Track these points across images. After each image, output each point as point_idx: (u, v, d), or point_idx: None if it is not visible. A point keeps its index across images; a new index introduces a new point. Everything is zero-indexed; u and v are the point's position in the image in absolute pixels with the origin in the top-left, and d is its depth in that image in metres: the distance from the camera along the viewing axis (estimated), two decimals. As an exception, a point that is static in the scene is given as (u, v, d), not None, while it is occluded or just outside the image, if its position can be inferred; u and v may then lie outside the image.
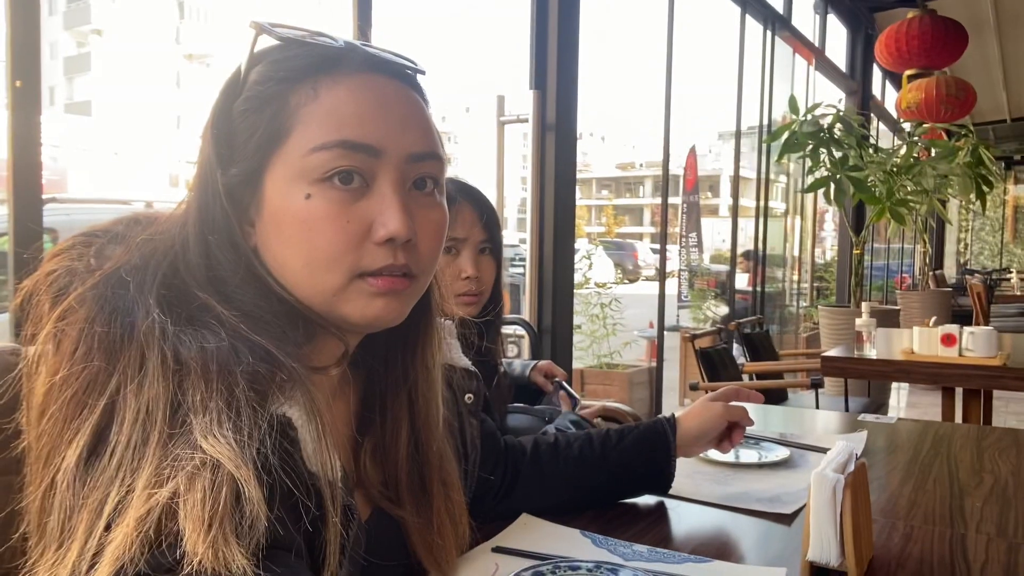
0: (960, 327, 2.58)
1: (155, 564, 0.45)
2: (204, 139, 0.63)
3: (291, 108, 0.61)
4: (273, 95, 0.61)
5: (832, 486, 0.83)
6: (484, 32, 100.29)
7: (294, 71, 0.62)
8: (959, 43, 5.11)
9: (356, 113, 0.61)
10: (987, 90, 8.54)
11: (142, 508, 0.47)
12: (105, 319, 0.55)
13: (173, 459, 0.49)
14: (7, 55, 1.42)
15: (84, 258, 0.60)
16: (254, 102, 0.62)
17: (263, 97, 0.62)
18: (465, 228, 1.35)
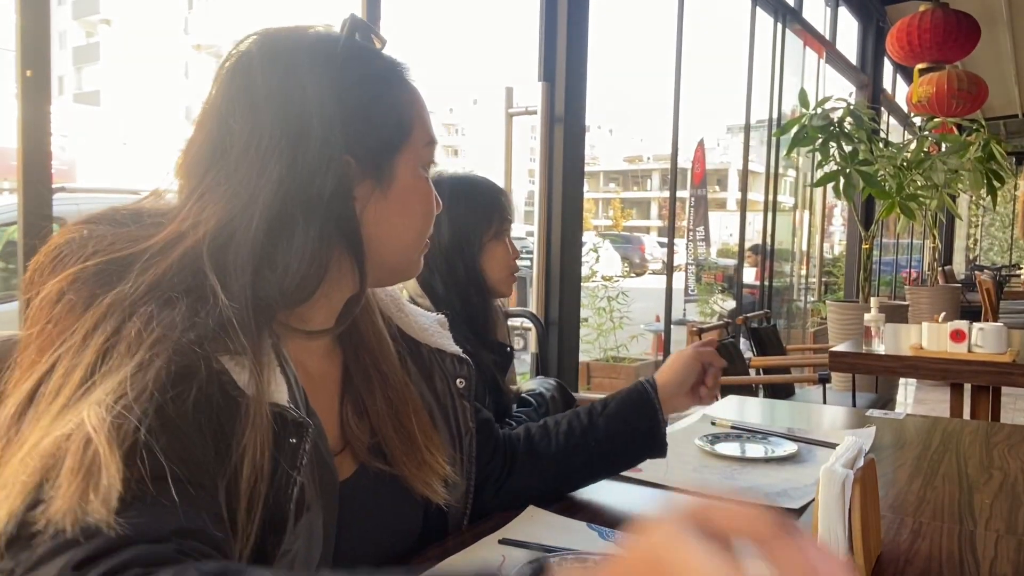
0: (969, 323, 2.56)
1: (24, 520, 0.49)
2: (312, 115, 0.67)
3: (405, 107, 0.74)
4: (389, 93, 0.73)
5: (841, 482, 0.83)
6: (493, 24, 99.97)
7: (395, 74, 0.75)
8: (971, 37, 5.07)
9: (429, 117, 0.77)
10: (999, 85, 8.47)
11: (28, 464, 0.51)
12: (86, 288, 0.60)
13: (63, 422, 0.53)
14: (17, 45, 1.42)
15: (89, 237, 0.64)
16: (374, 95, 0.72)
17: (380, 92, 0.73)
18: (512, 212, 1.46)
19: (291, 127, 0.66)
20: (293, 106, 0.67)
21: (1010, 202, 15.99)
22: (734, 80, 5.27)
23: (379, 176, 0.73)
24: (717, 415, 1.57)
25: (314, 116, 0.67)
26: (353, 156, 0.70)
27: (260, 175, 0.65)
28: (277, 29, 0.71)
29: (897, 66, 7.68)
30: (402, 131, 0.74)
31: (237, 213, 0.64)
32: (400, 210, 0.75)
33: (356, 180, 0.71)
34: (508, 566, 0.84)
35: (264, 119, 0.66)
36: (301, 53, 0.69)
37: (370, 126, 0.71)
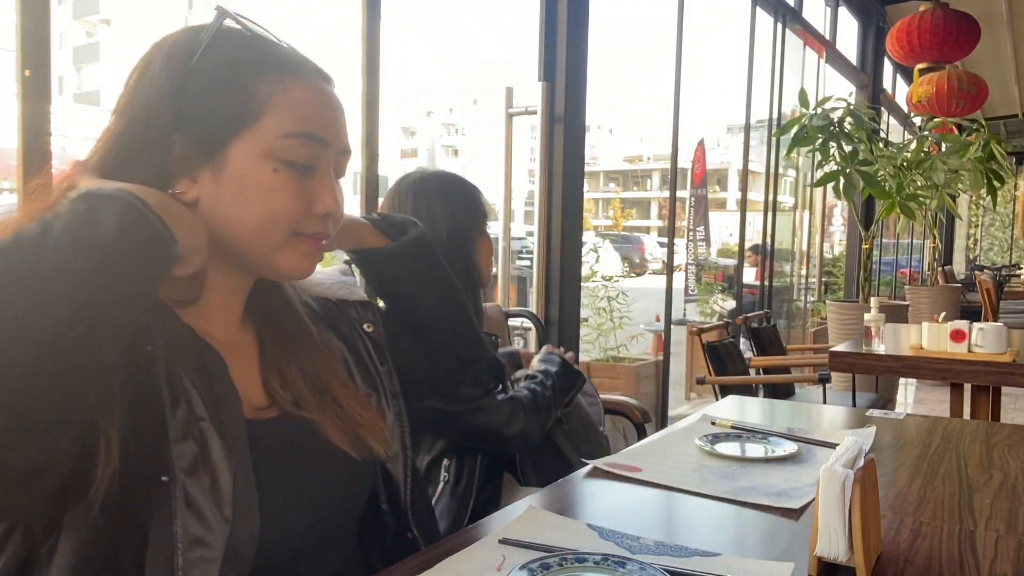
0: (969, 323, 2.56)
1: None
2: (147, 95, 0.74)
3: (262, 95, 0.75)
4: (241, 79, 0.75)
5: (841, 481, 0.83)
6: (493, 24, 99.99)
7: (262, 63, 0.76)
8: (971, 37, 5.07)
9: (318, 112, 0.78)
10: (999, 85, 8.47)
11: None
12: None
13: None
14: (17, 44, 1.42)
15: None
16: (221, 80, 0.74)
17: (231, 77, 0.74)
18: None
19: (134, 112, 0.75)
20: (139, 91, 0.75)
21: (1010, 202, 15.99)
22: (734, 80, 5.27)
23: (211, 158, 0.75)
24: (717, 415, 1.57)
25: (149, 99, 0.74)
26: (183, 136, 0.74)
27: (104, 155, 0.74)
28: (175, 30, 0.79)
29: (897, 66, 7.68)
30: (244, 117, 0.74)
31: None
32: (233, 196, 0.75)
33: (190, 159, 0.75)
34: (508, 566, 0.84)
35: (122, 108, 0.76)
36: (164, 46, 0.76)
37: (206, 109, 0.74)
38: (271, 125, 0.75)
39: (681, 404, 5.40)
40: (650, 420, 1.95)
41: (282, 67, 0.76)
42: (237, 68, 0.75)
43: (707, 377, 3.10)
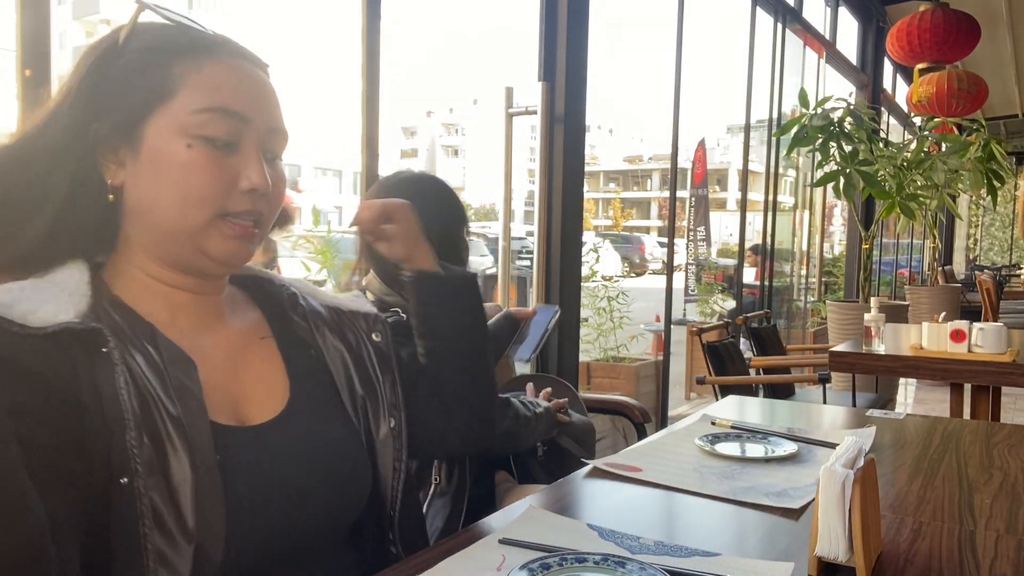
0: (969, 323, 2.56)
1: None
2: (71, 90, 0.75)
3: (175, 74, 0.75)
4: (157, 62, 0.75)
5: (841, 481, 0.83)
6: (493, 24, 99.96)
7: (179, 46, 0.76)
8: (972, 37, 5.07)
9: (233, 87, 0.77)
10: (999, 85, 8.47)
11: None
12: None
13: None
14: (17, 44, 1.42)
15: None
16: (137, 64, 0.75)
17: (147, 62, 0.75)
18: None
19: (60, 102, 0.76)
20: (66, 86, 0.76)
21: (1010, 202, 15.99)
22: (734, 80, 5.27)
23: (129, 139, 0.76)
24: (717, 415, 1.57)
25: (72, 89, 0.75)
26: (106, 122, 0.75)
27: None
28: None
29: (897, 66, 7.68)
30: (157, 95, 0.75)
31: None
32: (151, 175, 0.76)
33: (112, 142, 0.76)
34: (508, 566, 0.84)
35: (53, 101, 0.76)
36: (95, 42, 0.77)
37: (122, 93, 0.75)
38: (183, 101, 0.75)
39: (681, 404, 5.40)
40: (650, 420, 1.95)
41: (199, 48, 0.77)
42: (153, 53, 0.76)
43: (707, 377, 3.10)
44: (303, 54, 8.78)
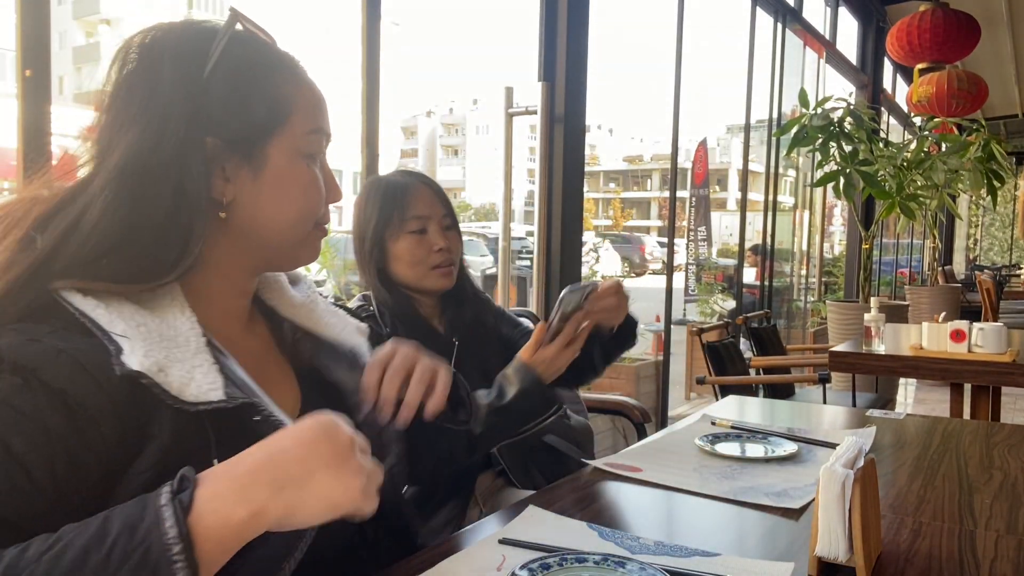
0: (969, 323, 2.56)
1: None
2: (167, 101, 0.72)
3: (284, 94, 0.77)
4: (264, 78, 0.77)
5: (841, 481, 0.83)
6: (493, 24, 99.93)
7: (274, 63, 0.78)
8: (971, 37, 5.07)
9: (320, 106, 0.81)
10: (999, 85, 8.47)
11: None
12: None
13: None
14: (17, 44, 1.42)
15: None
16: (244, 80, 0.75)
17: (254, 78, 0.76)
18: (427, 206, 1.44)
19: (146, 111, 0.72)
20: (151, 91, 0.72)
21: (1010, 202, 15.99)
22: (734, 80, 5.27)
23: (249, 157, 0.76)
24: (717, 415, 1.57)
25: (167, 99, 0.72)
26: (219, 138, 0.74)
27: (108, 154, 0.71)
28: (163, 24, 0.76)
29: (897, 66, 7.68)
30: (276, 117, 0.77)
31: (81, 184, 0.72)
32: (273, 192, 0.78)
33: (224, 160, 0.75)
34: (508, 566, 0.84)
35: (130, 106, 0.72)
36: (169, 46, 0.74)
37: (238, 111, 0.75)
38: (298, 121, 0.78)
39: (681, 404, 5.40)
40: (650, 420, 1.95)
41: (290, 67, 0.80)
42: (256, 70, 0.77)
43: (707, 377, 3.10)
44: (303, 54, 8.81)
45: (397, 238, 1.42)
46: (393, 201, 1.42)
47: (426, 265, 1.42)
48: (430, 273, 1.43)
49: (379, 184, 1.46)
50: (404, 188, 1.43)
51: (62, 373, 0.62)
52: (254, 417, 0.70)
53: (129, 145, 0.71)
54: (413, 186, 1.44)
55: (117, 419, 0.63)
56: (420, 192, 1.43)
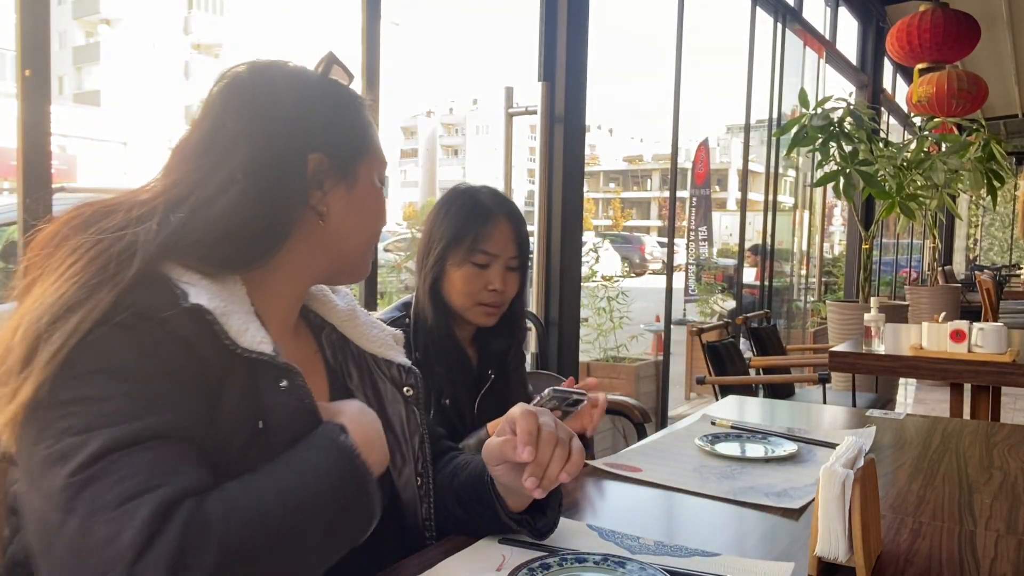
0: (969, 323, 2.56)
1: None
2: (284, 120, 0.81)
3: (366, 123, 0.89)
4: (355, 109, 0.88)
5: (841, 481, 0.83)
6: (493, 23, 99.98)
7: (362, 102, 0.90)
8: (972, 37, 5.07)
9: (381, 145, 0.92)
10: (999, 85, 8.47)
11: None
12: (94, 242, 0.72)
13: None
14: (16, 44, 1.42)
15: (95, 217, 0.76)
16: (343, 108, 0.87)
17: (349, 107, 0.87)
18: (500, 244, 1.39)
19: (263, 126, 0.80)
20: (271, 110, 0.81)
21: (1010, 202, 15.99)
22: (734, 80, 5.27)
23: (346, 175, 0.86)
24: (717, 415, 1.58)
25: (285, 118, 0.81)
26: (324, 154, 0.84)
27: (228, 163, 0.78)
28: (265, 60, 0.86)
29: (897, 66, 7.68)
30: (365, 144, 0.88)
31: (201, 183, 0.77)
32: (359, 209, 0.88)
33: (326, 175, 0.84)
34: (508, 566, 0.84)
35: (244, 120, 0.80)
36: (281, 73, 0.84)
37: (339, 132, 0.86)
38: (375, 150, 0.90)
39: (681, 404, 5.40)
40: (650, 420, 1.95)
41: (361, 102, 0.91)
42: (350, 103, 0.88)
43: (707, 377, 3.10)
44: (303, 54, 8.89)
45: (460, 265, 1.38)
46: (469, 226, 1.37)
47: (475, 299, 1.39)
48: (476, 308, 1.39)
49: (465, 200, 1.41)
50: (486, 218, 1.38)
51: (188, 327, 0.71)
52: (281, 382, 0.76)
53: (252, 151, 0.79)
54: (495, 218, 1.39)
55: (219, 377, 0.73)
56: (499, 228, 1.39)
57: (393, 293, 4.23)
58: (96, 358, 0.66)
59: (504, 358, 1.48)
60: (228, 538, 0.61)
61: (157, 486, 0.61)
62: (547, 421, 0.84)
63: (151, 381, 0.67)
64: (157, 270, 0.73)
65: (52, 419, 0.64)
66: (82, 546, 0.59)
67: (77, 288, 0.68)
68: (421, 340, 1.38)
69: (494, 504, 0.90)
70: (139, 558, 0.58)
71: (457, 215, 1.39)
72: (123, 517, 0.59)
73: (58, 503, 0.60)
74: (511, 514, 0.91)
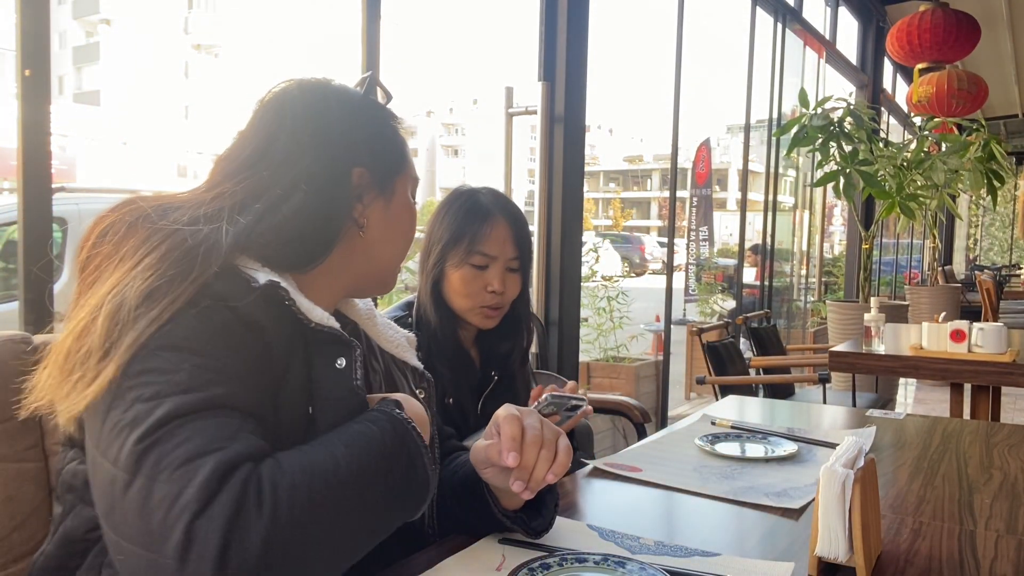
0: (969, 323, 2.56)
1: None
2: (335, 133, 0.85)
3: (403, 142, 0.94)
4: (392, 127, 0.92)
5: (841, 481, 0.83)
6: (493, 23, 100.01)
7: (398, 120, 0.94)
8: (972, 37, 5.07)
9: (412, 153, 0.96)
10: (999, 85, 8.47)
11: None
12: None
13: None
14: (16, 44, 1.42)
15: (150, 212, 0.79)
16: (383, 125, 0.91)
17: (389, 125, 0.92)
18: (498, 245, 1.39)
19: (316, 139, 0.84)
20: (320, 124, 0.85)
21: (1010, 202, 15.99)
22: (734, 80, 5.27)
23: (384, 189, 0.90)
24: (717, 415, 1.58)
25: (335, 133, 0.86)
26: (367, 169, 0.88)
27: (287, 172, 0.82)
28: (313, 78, 0.91)
29: (897, 66, 7.68)
30: (402, 161, 0.93)
31: (263, 190, 0.81)
32: (395, 223, 0.92)
33: (367, 189, 0.88)
34: (508, 566, 0.84)
35: (299, 133, 0.84)
36: (330, 91, 0.89)
37: (381, 148, 0.90)
38: (411, 168, 0.94)
39: (681, 404, 5.40)
40: (650, 420, 1.95)
41: (399, 120, 0.95)
42: (390, 122, 0.92)
43: (707, 377, 3.10)
44: (303, 54, 8.75)
45: (458, 266, 1.37)
46: (468, 227, 1.37)
47: (474, 301, 1.38)
48: (475, 310, 1.39)
49: (464, 201, 1.41)
50: (484, 218, 1.38)
51: (260, 309, 0.75)
52: (339, 360, 0.79)
53: (312, 162, 0.83)
54: (494, 219, 1.38)
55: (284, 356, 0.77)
56: (498, 228, 1.38)
57: (393, 293, 4.22)
58: (168, 336, 0.69)
59: (508, 360, 1.47)
60: (283, 501, 0.64)
61: (218, 449, 0.64)
62: (532, 423, 0.84)
63: (219, 357, 0.70)
64: (228, 262, 0.77)
65: (124, 390, 0.67)
66: (146, 504, 0.62)
67: (157, 278, 0.71)
68: (424, 341, 1.38)
69: (488, 502, 0.91)
70: (198, 516, 0.61)
71: (456, 216, 1.39)
72: (184, 477, 0.62)
73: (126, 465, 0.64)
74: (506, 512, 0.92)
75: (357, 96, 0.90)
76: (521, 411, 0.86)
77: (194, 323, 0.71)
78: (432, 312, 1.40)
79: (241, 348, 0.72)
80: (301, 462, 0.67)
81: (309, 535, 0.65)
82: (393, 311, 1.45)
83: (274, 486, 0.64)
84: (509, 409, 0.86)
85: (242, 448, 0.65)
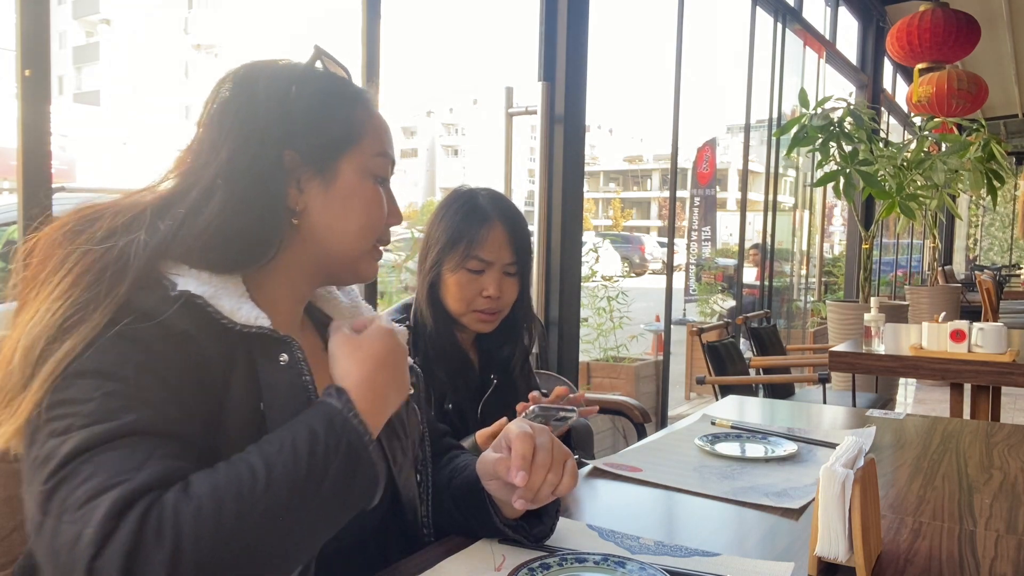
0: (969, 323, 2.56)
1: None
2: (261, 118, 0.80)
3: (358, 120, 0.86)
4: (340, 106, 0.85)
5: (841, 481, 0.83)
6: (493, 23, 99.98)
7: (351, 94, 0.87)
8: (972, 37, 5.07)
9: (389, 135, 0.90)
10: (999, 85, 8.47)
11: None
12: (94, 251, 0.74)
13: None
14: (16, 44, 1.42)
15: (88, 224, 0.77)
16: (324, 105, 0.84)
17: (333, 104, 0.85)
18: (495, 250, 1.37)
19: (237, 127, 0.80)
20: (248, 110, 0.81)
21: (1010, 202, 15.99)
22: (734, 80, 5.27)
23: (322, 171, 0.84)
24: (717, 415, 1.58)
25: (259, 117, 0.81)
26: (296, 151, 0.82)
27: (208, 169, 0.79)
28: (258, 60, 0.86)
29: (897, 66, 7.68)
30: (349, 138, 0.85)
31: (187, 188, 0.79)
32: (341, 206, 0.85)
33: (300, 172, 0.83)
34: (508, 566, 0.84)
35: (223, 122, 0.80)
36: (263, 74, 0.83)
37: (316, 128, 0.83)
38: (368, 145, 0.86)
39: (681, 404, 5.40)
40: (650, 420, 1.95)
41: (363, 98, 0.89)
42: (334, 97, 0.86)
43: (707, 377, 3.10)
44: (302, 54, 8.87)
45: (454, 270, 1.36)
46: (465, 230, 1.36)
47: (470, 305, 1.37)
48: (471, 314, 1.38)
49: (463, 203, 1.39)
50: (481, 221, 1.36)
51: (185, 318, 0.73)
52: (281, 357, 0.78)
53: (232, 153, 0.79)
54: (491, 223, 1.36)
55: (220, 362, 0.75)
56: (495, 232, 1.36)
57: (393, 293, 4.22)
58: (85, 363, 0.68)
59: (507, 363, 1.46)
60: (186, 528, 0.61)
61: (120, 483, 0.62)
62: (543, 443, 0.84)
63: (138, 378, 0.68)
64: (151, 271, 0.74)
65: (42, 423, 0.66)
66: (52, 546, 0.61)
67: (69, 306, 0.70)
68: (422, 344, 1.38)
69: (489, 511, 0.91)
70: (95, 558, 0.60)
71: (453, 218, 1.38)
72: (84, 518, 0.61)
73: (38, 504, 0.63)
74: (507, 522, 0.91)
75: (293, 73, 0.84)
76: (534, 428, 0.86)
77: (110, 346, 0.69)
78: (429, 315, 1.39)
79: (168, 363, 0.70)
80: (213, 482, 0.65)
81: (230, 552, 0.63)
82: (391, 313, 1.45)
83: (176, 514, 0.62)
84: (522, 426, 0.86)
85: (147, 478, 0.63)
